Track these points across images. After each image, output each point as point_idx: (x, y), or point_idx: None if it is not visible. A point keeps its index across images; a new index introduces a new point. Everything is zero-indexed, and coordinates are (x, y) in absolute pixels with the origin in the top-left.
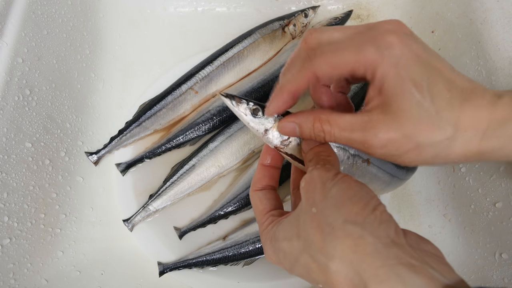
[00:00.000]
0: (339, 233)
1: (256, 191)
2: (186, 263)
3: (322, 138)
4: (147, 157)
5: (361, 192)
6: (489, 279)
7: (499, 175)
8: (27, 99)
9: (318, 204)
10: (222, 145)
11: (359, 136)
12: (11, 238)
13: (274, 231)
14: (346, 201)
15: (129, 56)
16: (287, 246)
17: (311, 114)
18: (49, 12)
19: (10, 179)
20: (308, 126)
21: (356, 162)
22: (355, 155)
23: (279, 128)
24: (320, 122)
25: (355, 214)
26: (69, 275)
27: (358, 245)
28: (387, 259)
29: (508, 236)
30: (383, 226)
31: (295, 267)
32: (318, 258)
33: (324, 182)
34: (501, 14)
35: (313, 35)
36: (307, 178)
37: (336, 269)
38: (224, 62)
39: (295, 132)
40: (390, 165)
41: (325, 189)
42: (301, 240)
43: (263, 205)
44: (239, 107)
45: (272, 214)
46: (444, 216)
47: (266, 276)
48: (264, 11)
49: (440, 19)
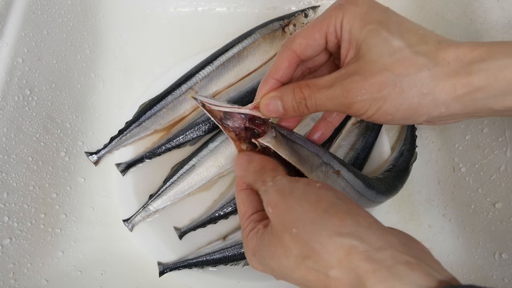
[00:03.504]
0: (330, 247)
1: (239, 191)
2: (186, 263)
3: (304, 107)
4: (147, 157)
5: (335, 201)
6: (489, 279)
7: (499, 175)
8: (27, 99)
9: (295, 223)
10: (222, 145)
11: (338, 90)
12: (11, 238)
13: (256, 245)
14: (323, 215)
15: (129, 56)
16: (276, 264)
17: (290, 84)
18: (49, 12)
19: (10, 179)
20: (289, 96)
21: (327, 170)
22: (327, 163)
23: (262, 106)
24: (300, 87)
25: (338, 226)
26: (69, 275)
27: (351, 254)
28: (383, 261)
29: (508, 236)
30: (370, 230)
31: (287, 279)
32: (317, 269)
33: (291, 199)
34: (501, 14)
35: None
36: (271, 200)
37: (335, 276)
38: (224, 62)
39: (278, 109)
40: (359, 183)
41: (296, 207)
42: (291, 258)
43: (245, 208)
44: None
45: (253, 219)
46: (444, 216)
47: (266, 276)
48: (264, 11)
49: (440, 19)
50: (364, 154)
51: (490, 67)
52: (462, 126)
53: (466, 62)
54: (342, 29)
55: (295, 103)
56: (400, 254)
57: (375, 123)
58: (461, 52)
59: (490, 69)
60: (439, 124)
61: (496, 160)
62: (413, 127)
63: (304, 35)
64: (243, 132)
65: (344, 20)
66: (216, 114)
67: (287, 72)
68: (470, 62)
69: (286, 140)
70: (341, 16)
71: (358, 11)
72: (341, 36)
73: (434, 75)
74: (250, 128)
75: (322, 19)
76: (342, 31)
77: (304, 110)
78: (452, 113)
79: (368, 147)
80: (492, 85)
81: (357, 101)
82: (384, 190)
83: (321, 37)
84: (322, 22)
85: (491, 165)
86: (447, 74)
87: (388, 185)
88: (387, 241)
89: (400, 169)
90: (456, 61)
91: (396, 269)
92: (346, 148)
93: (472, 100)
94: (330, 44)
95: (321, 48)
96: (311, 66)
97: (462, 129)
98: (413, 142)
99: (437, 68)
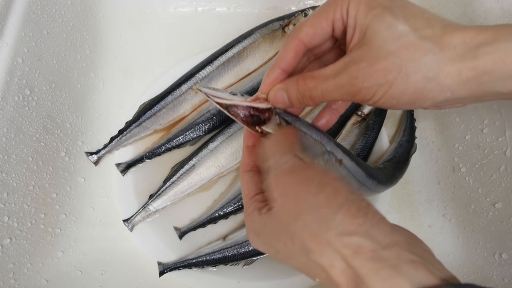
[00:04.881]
0: (337, 244)
1: (244, 172)
2: (186, 263)
3: (309, 98)
4: (147, 157)
5: (350, 196)
6: (489, 279)
7: (499, 175)
8: (27, 99)
9: (304, 215)
10: (222, 145)
11: (345, 78)
12: (11, 238)
13: (259, 225)
14: (336, 210)
15: (129, 56)
16: (281, 246)
17: (295, 76)
18: (49, 12)
19: (10, 179)
20: (294, 87)
21: (330, 159)
22: (330, 152)
23: (271, 97)
24: (304, 79)
25: (349, 225)
26: (69, 275)
27: (357, 252)
28: (388, 260)
29: (508, 236)
30: (378, 228)
31: (289, 261)
32: (319, 262)
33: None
34: (501, 14)
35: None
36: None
37: (337, 271)
38: (224, 62)
39: (284, 99)
40: (361, 172)
41: (309, 198)
42: (296, 244)
43: (249, 189)
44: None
45: (256, 199)
46: (444, 216)
47: (266, 276)
48: (264, 11)
49: None
50: (364, 154)
51: (497, 50)
52: (462, 126)
53: (472, 46)
54: (348, 15)
55: (299, 94)
56: (405, 252)
57: (375, 122)
58: (467, 36)
59: (497, 52)
60: (446, 108)
61: (496, 160)
62: (412, 118)
63: (311, 24)
64: (250, 119)
65: (350, 6)
66: (221, 103)
67: (293, 62)
68: (476, 46)
69: (290, 127)
70: (347, 2)
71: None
72: (347, 22)
73: (440, 60)
74: (255, 115)
75: (327, 7)
76: (348, 17)
77: (309, 101)
78: (458, 97)
79: (368, 147)
80: (499, 68)
81: (364, 87)
82: (384, 180)
83: (328, 25)
84: (328, 9)
85: (491, 165)
86: (453, 58)
87: (388, 175)
88: (393, 239)
89: (400, 160)
90: (462, 45)
91: (401, 267)
92: (346, 148)
93: (479, 84)
94: (336, 31)
95: (328, 35)
96: (316, 53)
97: (462, 129)
98: (412, 133)
99: (442, 53)
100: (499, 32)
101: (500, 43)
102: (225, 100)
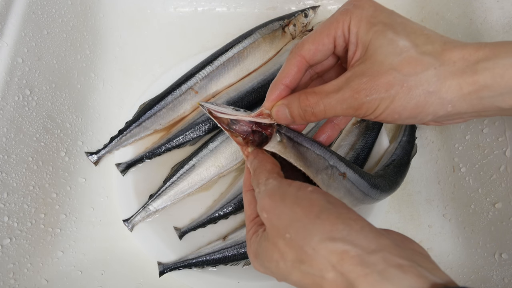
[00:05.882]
0: (323, 252)
1: (246, 191)
2: (186, 263)
3: (311, 114)
4: (147, 157)
5: (327, 206)
6: (489, 279)
7: (499, 175)
8: (27, 99)
9: (288, 229)
10: (222, 145)
11: (348, 92)
12: (11, 238)
13: (257, 248)
14: (314, 220)
15: (129, 56)
16: (275, 267)
17: (297, 92)
18: (49, 12)
19: (10, 179)
20: (295, 103)
21: (333, 173)
22: (333, 166)
23: (274, 113)
24: (306, 95)
25: (329, 232)
26: (69, 275)
27: (343, 259)
28: (375, 265)
29: (508, 236)
30: (362, 234)
31: (287, 279)
32: (312, 273)
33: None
34: (501, 14)
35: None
36: (264, 205)
37: (330, 280)
38: (224, 62)
39: (287, 116)
40: (364, 183)
41: (288, 213)
42: (288, 262)
43: (250, 210)
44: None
45: (256, 222)
46: (444, 216)
47: (266, 276)
48: (264, 11)
49: (440, 19)
50: (364, 154)
51: (495, 66)
52: (462, 126)
53: (471, 61)
54: (350, 32)
55: (301, 111)
56: (393, 256)
57: (375, 122)
58: (467, 52)
59: (496, 68)
60: (447, 124)
61: (496, 160)
62: None
63: (313, 41)
64: (251, 135)
65: (351, 23)
66: (223, 119)
67: (296, 78)
68: (476, 61)
69: (292, 143)
70: (348, 19)
71: (364, 14)
72: (349, 39)
73: (440, 74)
74: (257, 131)
75: (329, 24)
76: (350, 34)
77: (311, 117)
78: (459, 112)
79: (368, 147)
80: (498, 83)
81: (366, 101)
82: (387, 188)
83: (330, 41)
84: (329, 27)
85: (491, 165)
86: (453, 73)
87: (391, 182)
88: (379, 244)
89: (401, 163)
90: (462, 60)
91: (388, 272)
92: (346, 148)
93: (478, 98)
94: (338, 48)
95: (329, 52)
96: (319, 70)
97: (462, 129)
98: (412, 133)
99: (443, 67)
100: (497, 49)
101: (499, 59)
102: (229, 115)
